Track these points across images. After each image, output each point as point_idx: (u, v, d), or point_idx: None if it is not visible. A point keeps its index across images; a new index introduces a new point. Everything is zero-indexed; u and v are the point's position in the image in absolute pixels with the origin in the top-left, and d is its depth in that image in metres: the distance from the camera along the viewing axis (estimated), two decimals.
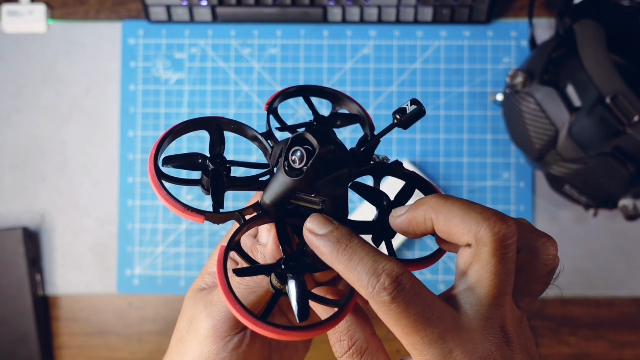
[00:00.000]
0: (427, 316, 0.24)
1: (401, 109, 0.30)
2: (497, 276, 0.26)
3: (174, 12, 0.68)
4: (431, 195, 0.28)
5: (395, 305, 0.24)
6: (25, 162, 0.69)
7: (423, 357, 0.24)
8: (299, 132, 0.28)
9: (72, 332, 0.67)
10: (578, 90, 0.56)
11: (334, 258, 0.26)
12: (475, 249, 0.26)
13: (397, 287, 0.24)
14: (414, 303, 0.24)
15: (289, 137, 0.28)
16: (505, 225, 0.26)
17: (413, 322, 0.24)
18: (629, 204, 0.57)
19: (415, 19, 0.67)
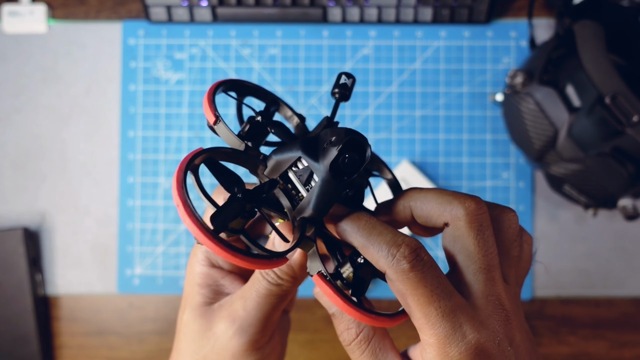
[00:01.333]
0: (441, 288, 0.26)
1: (342, 84, 0.32)
2: (480, 248, 0.27)
3: (174, 12, 0.68)
4: (409, 187, 0.30)
5: (413, 274, 0.25)
6: (25, 162, 0.69)
7: (434, 331, 0.25)
8: (351, 138, 0.26)
9: (73, 332, 0.67)
10: (578, 90, 0.56)
11: (355, 232, 0.27)
12: (452, 226, 0.28)
13: (416, 257, 0.26)
14: (431, 275, 0.26)
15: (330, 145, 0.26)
16: (474, 201, 0.28)
17: (429, 292, 0.25)
18: (628, 204, 0.57)
19: (415, 20, 0.67)
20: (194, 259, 0.35)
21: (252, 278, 0.32)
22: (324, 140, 0.27)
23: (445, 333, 0.25)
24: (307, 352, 0.66)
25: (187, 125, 0.68)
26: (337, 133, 0.26)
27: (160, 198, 0.68)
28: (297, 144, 0.27)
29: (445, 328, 0.25)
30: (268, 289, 0.31)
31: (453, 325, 0.25)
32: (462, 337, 0.25)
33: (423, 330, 0.26)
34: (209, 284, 0.34)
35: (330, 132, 0.27)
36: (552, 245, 0.66)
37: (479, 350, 0.25)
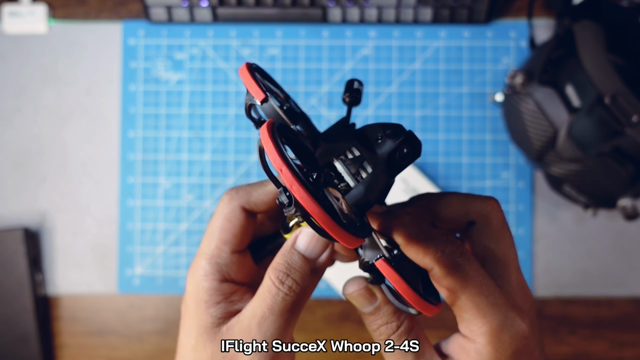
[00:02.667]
0: (487, 281, 0.28)
1: (356, 89, 0.32)
2: (509, 242, 0.30)
3: (175, 12, 0.68)
4: (423, 193, 0.31)
5: (463, 269, 0.27)
6: (26, 162, 0.69)
7: (487, 320, 0.27)
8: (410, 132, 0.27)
9: (73, 332, 0.67)
10: (577, 90, 0.56)
11: (403, 228, 0.28)
12: (480, 224, 0.30)
13: (462, 253, 0.28)
14: (476, 269, 0.28)
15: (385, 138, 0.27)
16: (495, 200, 0.31)
17: (479, 285, 0.27)
18: (628, 204, 0.57)
19: (415, 20, 0.68)
20: (199, 271, 0.31)
21: (261, 293, 0.29)
22: (375, 133, 0.28)
23: (498, 321, 0.27)
24: (307, 352, 0.66)
25: (187, 125, 0.68)
26: (391, 127, 0.27)
27: (161, 198, 0.68)
28: (348, 133, 0.28)
29: (497, 317, 0.27)
30: (284, 304, 0.29)
31: (504, 313, 0.27)
32: (512, 324, 0.27)
33: (473, 321, 0.28)
34: (218, 301, 0.30)
35: (381, 127, 0.28)
36: (551, 245, 0.66)
37: (525, 335, 0.28)
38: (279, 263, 0.29)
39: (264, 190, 0.32)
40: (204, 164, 0.68)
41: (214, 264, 0.31)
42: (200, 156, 0.68)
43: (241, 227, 0.31)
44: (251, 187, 0.32)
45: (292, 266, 0.29)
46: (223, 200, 0.32)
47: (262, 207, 0.32)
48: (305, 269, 0.29)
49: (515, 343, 0.27)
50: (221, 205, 0.32)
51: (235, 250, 0.31)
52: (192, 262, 0.32)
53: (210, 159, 0.68)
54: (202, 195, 0.68)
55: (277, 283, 0.29)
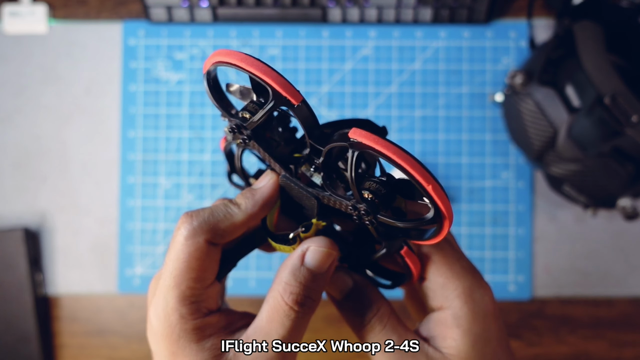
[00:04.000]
0: (460, 253, 0.31)
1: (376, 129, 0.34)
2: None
3: (175, 12, 0.68)
4: None
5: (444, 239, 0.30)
6: (26, 162, 0.69)
7: (460, 282, 0.30)
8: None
9: (73, 332, 0.67)
10: (577, 90, 0.56)
11: None
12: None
13: None
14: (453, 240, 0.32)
15: None
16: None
17: (455, 252, 0.31)
18: (627, 204, 0.57)
19: (415, 20, 0.68)
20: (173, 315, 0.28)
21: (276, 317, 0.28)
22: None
23: (470, 282, 0.30)
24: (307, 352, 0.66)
25: (187, 125, 0.68)
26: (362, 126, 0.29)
27: (161, 198, 0.68)
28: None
29: (468, 278, 0.30)
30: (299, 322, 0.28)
31: (473, 278, 0.30)
32: (482, 285, 0.30)
33: (447, 285, 0.30)
34: (209, 335, 0.29)
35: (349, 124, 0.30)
36: (551, 245, 0.66)
37: (491, 296, 0.30)
38: (292, 285, 0.28)
39: (231, 222, 0.29)
40: (204, 164, 0.68)
41: (189, 304, 0.28)
42: (200, 156, 0.68)
43: (210, 261, 0.29)
44: (214, 217, 0.29)
45: (308, 286, 0.28)
46: (183, 234, 0.29)
47: (229, 238, 0.30)
48: (320, 285, 0.28)
49: (485, 300, 0.30)
50: (182, 241, 0.29)
51: (209, 285, 0.29)
52: (156, 298, 0.29)
53: (210, 159, 0.68)
54: (202, 195, 0.68)
55: (296, 307, 0.28)
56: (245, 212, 0.30)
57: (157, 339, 0.29)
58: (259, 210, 0.30)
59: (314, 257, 0.28)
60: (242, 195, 0.30)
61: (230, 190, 0.67)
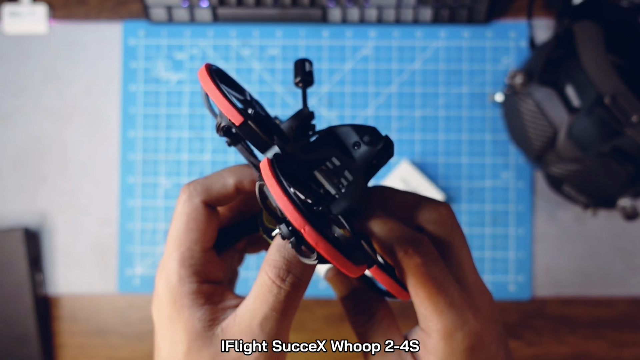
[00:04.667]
0: (446, 282, 0.28)
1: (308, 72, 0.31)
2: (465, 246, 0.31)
3: (175, 12, 0.68)
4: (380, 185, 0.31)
5: (425, 268, 0.28)
6: (26, 162, 0.69)
7: (442, 318, 0.28)
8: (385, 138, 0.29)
9: (73, 332, 0.67)
10: (577, 90, 0.56)
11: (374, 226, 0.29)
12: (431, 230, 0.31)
13: (425, 252, 0.28)
14: (438, 268, 0.28)
15: None
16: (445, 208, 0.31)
17: (438, 284, 0.28)
18: (627, 204, 0.57)
19: (415, 20, 0.68)
20: (173, 277, 0.30)
21: (260, 293, 0.28)
22: (350, 137, 0.29)
23: (452, 320, 0.28)
24: (307, 352, 0.66)
25: (187, 125, 0.68)
26: (367, 132, 0.29)
27: (161, 198, 0.68)
28: (324, 140, 0.29)
29: (452, 315, 0.28)
30: (289, 302, 0.28)
31: (458, 312, 0.28)
32: (466, 323, 0.28)
33: (430, 317, 0.28)
34: (202, 304, 0.29)
35: (355, 130, 0.29)
36: (551, 245, 0.66)
37: (478, 331, 0.28)
38: (276, 260, 0.28)
39: (223, 183, 0.31)
40: (204, 164, 0.68)
41: (187, 266, 0.30)
42: (200, 156, 0.68)
43: (207, 223, 0.30)
44: (209, 180, 0.31)
45: (291, 262, 0.28)
46: (182, 199, 0.31)
47: (224, 200, 0.31)
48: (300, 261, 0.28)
49: (467, 339, 0.28)
50: (181, 204, 0.31)
51: (207, 249, 0.31)
52: (160, 265, 0.31)
53: (210, 159, 0.68)
54: None
55: (278, 281, 0.28)
56: (236, 177, 0.31)
57: (160, 306, 0.30)
58: (249, 175, 0.32)
59: None
60: (238, 165, 0.32)
61: None
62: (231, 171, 0.32)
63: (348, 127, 0.30)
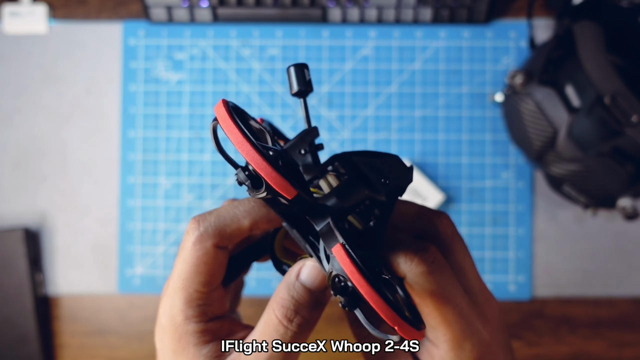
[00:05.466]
0: (454, 292, 0.28)
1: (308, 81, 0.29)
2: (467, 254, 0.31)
3: (175, 12, 0.68)
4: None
5: (432, 277, 0.27)
6: (26, 162, 0.69)
7: (451, 328, 0.28)
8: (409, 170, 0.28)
9: (73, 332, 0.67)
10: (577, 90, 0.56)
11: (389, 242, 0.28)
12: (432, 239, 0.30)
13: (433, 261, 0.27)
14: (446, 277, 0.28)
15: None
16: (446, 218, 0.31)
17: (447, 294, 0.27)
18: (627, 204, 0.57)
19: (415, 20, 0.68)
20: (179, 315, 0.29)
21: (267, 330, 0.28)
22: (376, 174, 0.27)
23: (461, 330, 0.28)
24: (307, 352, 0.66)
25: (187, 125, 0.68)
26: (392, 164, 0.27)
27: (161, 198, 0.68)
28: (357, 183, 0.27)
29: (461, 326, 0.28)
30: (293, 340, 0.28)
31: (467, 322, 0.28)
32: (474, 333, 0.28)
33: (438, 328, 0.28)
34: (208, 341, 0.29)
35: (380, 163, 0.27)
36: (551, 245, 0.66)
37: (487, 342, 0.28)
38: (284, 299, 0.28)
39: (238, 225, 0.29)
40: (204, 164, 0.68)
41: (195, 307, 0.29)
42: (200, 156, 0.68)
43: (218, 266, 0.29)
44: (221, 221, 0.29)
45: (299, 302, 0.28)
46: (191, 239, 0.29)
47: (236, 240, 0.30)
48: (312, 303, 0.28)
49: (476, 350, 0.28)
50: (190, 245, 0.29)
51: (215, 288, 0.30)
52: (164, 294, 0.30)
53: (210, 159, 0.68)
54: (202, 195, 0.68)
55: (285, 321, 0.27)
56: (252, 218, 0.29)
57: (163, 337, 0.30)
58: (266, 215, 0.30)
59: (310, 273, 0.28)
60: (251, 199, 0.30)
61: (230, 190, 0.68)
62: (248, 212, 0.29)
63: (369, 159, 0.28)
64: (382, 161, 0.28)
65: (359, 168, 0.28)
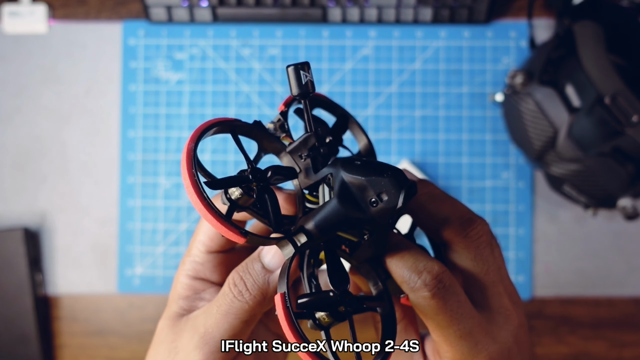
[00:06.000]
0: (460, 312, 0.27)
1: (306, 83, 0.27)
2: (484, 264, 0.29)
3: (175, 12, 0.68)
4: None
5: (435, 302, 0.26)
6: (26, 162, 0.69)
7: (452, 349, 0.27)
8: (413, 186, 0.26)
9: (73, 332, 0.67)
10: (577, 90, 0.56)
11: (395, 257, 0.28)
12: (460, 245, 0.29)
13: (437, 284, 0.26)
14: (451, 300, 0.27)
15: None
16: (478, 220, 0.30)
17: (449, 317, 0.26)
18: (628, 204, 0.57)
19: (415, 20, 0.68)
20: (180, 269, 0.34)
21: (220, 291, 0.30)
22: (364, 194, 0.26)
23: (463, 351, 0.27)
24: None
25: (187, 125, 0.68)
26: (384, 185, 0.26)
27: (161, 198, 0.68)
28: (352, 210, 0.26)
29: (462, 347, 0.27)
30: (230, 305, 0.29)
31: (469, 344, 0.27)
32: (478, 354, 0.27)
33: (441, 345, 0.28)
34: (188, 295, 0.32)
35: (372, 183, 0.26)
36: (551, 245, 0.66)
37: (494, 357, 0.27)
38: (239, 266, 0.30)
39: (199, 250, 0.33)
40: (203, 164, 0.68)
41: (190, 262, 0.33)
42: (200, 156, 0.68)
43: (215, 234, 0.32)
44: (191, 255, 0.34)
45: (249, 272, 0.29)
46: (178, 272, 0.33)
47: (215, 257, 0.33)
48: (260, 278, 0.29)
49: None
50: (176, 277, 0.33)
51: (210, 251, 0.33)
52: (180, 261, 0.35)
53: (210, 159, 0.68)
54: None
55: (230, 285, 0.29)
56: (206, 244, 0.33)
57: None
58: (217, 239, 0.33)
59: (270, 255, 0.30)
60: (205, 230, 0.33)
61: None
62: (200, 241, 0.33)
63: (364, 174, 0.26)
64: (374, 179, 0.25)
65: (348, 187, 0.26)
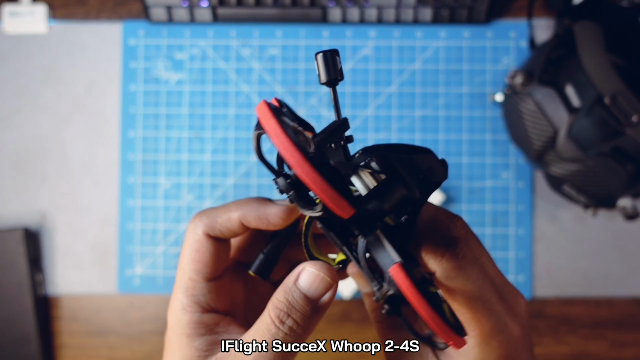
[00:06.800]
0: (486, 284, 0.27)
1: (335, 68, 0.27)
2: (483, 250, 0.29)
3: (175, 12, 0.68)
4: None
5: (462, 272, 0.27)
6: (26, 162, 0.69)
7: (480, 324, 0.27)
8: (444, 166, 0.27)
9: (73, 332, 0.67)
10: (577, 90, 0.56)
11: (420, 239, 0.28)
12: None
13: (463, 256, 0.27)
14: (476, 271, 0.27)
15: None
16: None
17: (477, 288, 0.27)
18: (627, 204, 0.57)
19: (415, 20, 0.68)
20: (177, 305, 0.30)
21: (260, 329, 0.28)
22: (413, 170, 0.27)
23: (490, 326, 0.27)
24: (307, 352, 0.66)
25: (187, 125, 0.68)
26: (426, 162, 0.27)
27: (161, 198, 0.68)
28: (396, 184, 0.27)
29: (490, 321, 0.27)
30: (283, 342, 0.28)
31: (497, 318, 0.27)
32: (503, 329, 0.28)
33: (466, 322, 0.27)
34: (202, 334, 0.29)
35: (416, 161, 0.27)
36: (551, 245, 0.66)
37: (514, 339, 0.28)
38: (279, 301, 0.28)
39: (228, 217, 0.30)
40: (204, 164, 0.68)
41: (189, 295, 0.30)
42: (200, 156, 0.68)
43: (210, 255, 0.30)
44: (215, 212, 0.30)
45: (293, 306, 0.28)
46: (189, 228, 0.30)
47: (228, 233, 0.30)
48: (306, 309, 0.28)
49: (503, 347, 0.28)
50: (188, 234, 0.30)
51: (210, 279, 0.30)
52: (171, 295, 0.31)
53: (210, 159, 0.68)
54: (202, 195, 0.68)
55: (277, 322, 0.27)
56: (240, 211, 0.30)
57: (167, 332, 0.31)
58: (254, 210, 0.30)
59: (307, 279, 0.28)
60: (247, 199, 0.31)
61: (230, 190, 0.67)
62: (237, 205, 0.30)
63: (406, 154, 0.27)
64: (417, 157, 0.27)
65: (394, 166, 0.27)
